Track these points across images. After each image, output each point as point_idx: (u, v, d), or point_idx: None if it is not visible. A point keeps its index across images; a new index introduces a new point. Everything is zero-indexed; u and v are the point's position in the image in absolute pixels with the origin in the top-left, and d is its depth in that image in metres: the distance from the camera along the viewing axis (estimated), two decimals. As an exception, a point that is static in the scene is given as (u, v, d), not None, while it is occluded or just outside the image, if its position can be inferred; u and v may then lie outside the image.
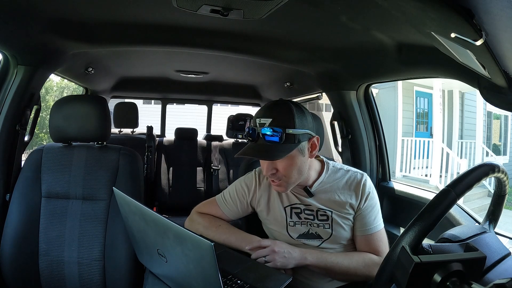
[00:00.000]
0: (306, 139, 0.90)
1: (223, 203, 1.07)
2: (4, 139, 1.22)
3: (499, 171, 0.62)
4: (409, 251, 0.52)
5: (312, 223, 0.98)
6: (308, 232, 0.99)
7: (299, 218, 0.99)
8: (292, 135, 0.86)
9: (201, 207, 1.11)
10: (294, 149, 0.87)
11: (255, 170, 1.09)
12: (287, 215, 1.00)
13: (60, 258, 1.14)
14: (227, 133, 2.80)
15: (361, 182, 0.98)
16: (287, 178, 0.91)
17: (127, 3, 1.03)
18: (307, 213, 0.99)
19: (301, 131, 0.87)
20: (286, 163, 0.89)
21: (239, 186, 1.07)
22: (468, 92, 7.16)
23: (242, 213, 1.08)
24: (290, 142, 0.86)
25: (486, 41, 0.54)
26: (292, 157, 0.89)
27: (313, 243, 0.98)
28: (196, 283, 0.70)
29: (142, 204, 0.75)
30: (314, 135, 0.92)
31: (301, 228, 0.99)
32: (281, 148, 0.85)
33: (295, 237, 0.99)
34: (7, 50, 1.15)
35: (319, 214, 0.98)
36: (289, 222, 0.99)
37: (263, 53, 1.47)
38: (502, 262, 0.61)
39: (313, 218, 0.98)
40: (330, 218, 0.97)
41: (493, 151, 7.39)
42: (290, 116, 0.87)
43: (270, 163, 0.90)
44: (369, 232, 0.96)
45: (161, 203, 2.57)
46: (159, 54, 1.80)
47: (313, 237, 0.98)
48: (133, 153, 1.24)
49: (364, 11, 0.89)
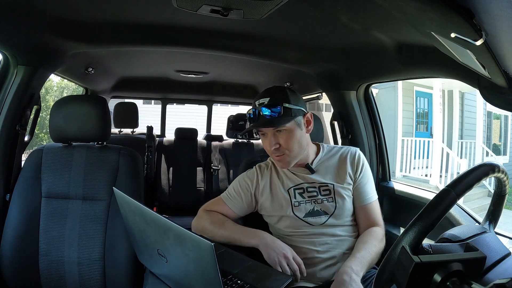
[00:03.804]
0: (301, 115, 1.01)
1: (228, 198, 1.10)
2: (4, 139, 1.22)
3: (499, 171, 0.62)
4: (409, 251, 0.52)
5: (316, 199, 1.04)
6: (313, 209, 1.03)
7: (303, 198, 1.04)
8: (289, 109, 0.98)
9: (207, 205, 1.13)
10: (292, 120, 0.98)
11: (255, 166, 1.14)
12: (291, 196, 1.05)
13: (60, 258, 1.14)
14: (227, 133, 2.80)
15: (355, 154, 1.09)
16: (289, 151, 1.00)
17: (127, 3, 1.03)
18: (310, 191, 1.05)
19: (296, 107, 0.99)
20: (286, 135, 0.99)
21: (242, 181, 1.11)
22: (468, 92, 7.17)
23: (247, 207, 1.10)
24: (288, 115, 0.97)
25: (486, 41, 0.54)
26: (292, 130, 0.99)
27: (319, 220, 1.02)
28: (196, 283, 0.70)
29: (142, 204, 0.75)
30: (307, 112, 1.04)
31: (306, 206, 1.04)
32: (280, 120, 0.97)
33: (301, 216, 1.03)
34: (7, 50, 1.15)
35: (321, 190, 1.05)
36: (294, 202, 1.04)
37: (263, 53, 1.48)
38: (502, 262, 0.61)
39: (316, 194, 1.04)
40: (333, 191, 1.04)
41: (493, 151, 7.39)
42: (285, 94, 1.00)
43: (273, 138, 0.99)
44: (367, 201, 1.05)
45: (161, 203, 2.57)
46: (159, 54, 1.80)
47: (319, 214, 1.03)
48: (133, 153, 1.24)
49: (364, 11, 0.89)
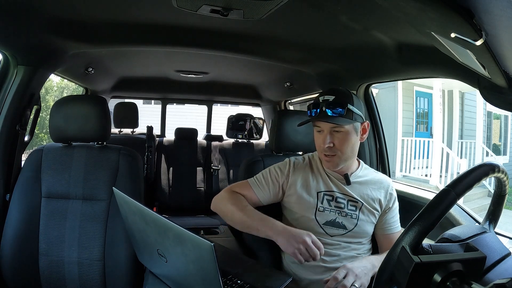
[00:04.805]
0: (360, 121, 1.01)
1: (256, 183, 1.08)
2: (4, 139, 1.22)
3: (499, 171, 0.62)
4: (409, 251, 0.52)
5: (341, 211, 1.03)
6: (335, 220, 1.02)
7: (329, 205, 1.03)
8: (351, 112, 0.98)
9: (232, 186, 1.10)
10: (351, 124, 0.98)
11: (288, 159, 1.12)
12: (318, 200, 1.04)
13: (60, 258, 1.14)
14: (227, 133, 2.81)
15: (389, 184, 1.09)
16: (341, 153, 1.00)
17: (127, 3, 1.03)
18: (338, 201, 1.04)
19: (358, 112, 0.99)
20: (342, 137, 0.99)
21: (272, 170, 1.10)
22: (468, 92, 7.16)
23: (272, 197, 1.08)
24: (349, 117, 0.97)
25: (486, 41, 0.54)
26: (349, 132, 0.99)
27: (336, 232, 1.02)
28: (196, 283, 0.70)
29: (142, 204, 0.75)
30: (365, 120, 1.04)
31: (329, 215, 1.02)
32: (341, 120, 0.97)
33: (321, 223, 1.02)
34: (7, 50, 1.15)
35: (349, 204, 1.04)
36: (319, 207, 1.03)
37: (263, 53, 1.48)
38: (502, 262, 0.61)
39: (343, 206, 1.03)
40: (359, 209, 1.03)
41: (493, 151, 7.39)
42: (350, 96, 1.00)
43: (329, 136, 0.99)
44: (393, 231, 1.06)
45: (161, 203, 2.57)
46: (159, 54, 1.80)
47: (338, 226, 1.02)
48: (133, 153, 1.24)
49: (364, 11, 0.90)
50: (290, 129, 1.32)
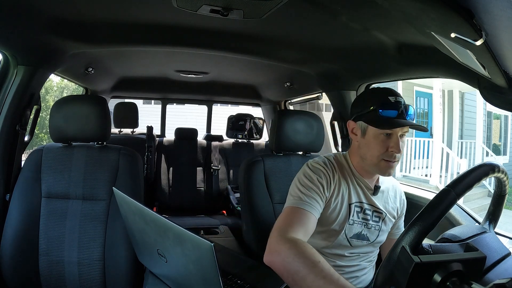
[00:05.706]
0: None
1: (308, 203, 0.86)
2: (4, 139, 1.22)
3: (499, 171, 0.62)
4: (409, 251, 0.52)
5: (367, 224, 0.98)
6: (360, 232, 0.97)
7: (358, 218, 0.97)
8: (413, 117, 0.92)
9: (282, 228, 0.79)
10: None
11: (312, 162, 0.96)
12: (350, 212, 0.95)
13: (60, 258, 1.14)
14: (227, 133, 2.81)
15: (401, 190, 1.06)
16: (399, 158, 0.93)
17: (127, 3, 1.03)
18: (365, 213, 0.97)
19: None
20: (403, 142, 0.92)
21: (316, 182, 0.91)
22: (468, 92, 7.16)
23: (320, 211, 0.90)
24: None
25: (486, 41, 0.54)
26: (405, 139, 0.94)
27: (360, 244, 0.98)
28: (196, 283, 0.70)
29: (142, 204, 0.75)
30: None
31: (357, 227, 0.97)
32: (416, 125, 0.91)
33: (349, 236, 0.96)
34: (7, 50, 1.15)
35: (374, 215, 0.98)
36: (350, 220, 0.95)
37: (263, 53, 1.47)
38: (502, 262, 0.61)
39: (369, 218, 0.98)
40: (382, 220, 0.99)
41: (493, 151, 7.39)
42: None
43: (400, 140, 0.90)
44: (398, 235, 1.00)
45: (161, 203, 2.56)
46: (159, 54, 1.79)
47: (363, 238, 0.98)
48: (133, 153, 1.24)
49: (364, 11, 0.89)
50: (290, 129, 1.32)
